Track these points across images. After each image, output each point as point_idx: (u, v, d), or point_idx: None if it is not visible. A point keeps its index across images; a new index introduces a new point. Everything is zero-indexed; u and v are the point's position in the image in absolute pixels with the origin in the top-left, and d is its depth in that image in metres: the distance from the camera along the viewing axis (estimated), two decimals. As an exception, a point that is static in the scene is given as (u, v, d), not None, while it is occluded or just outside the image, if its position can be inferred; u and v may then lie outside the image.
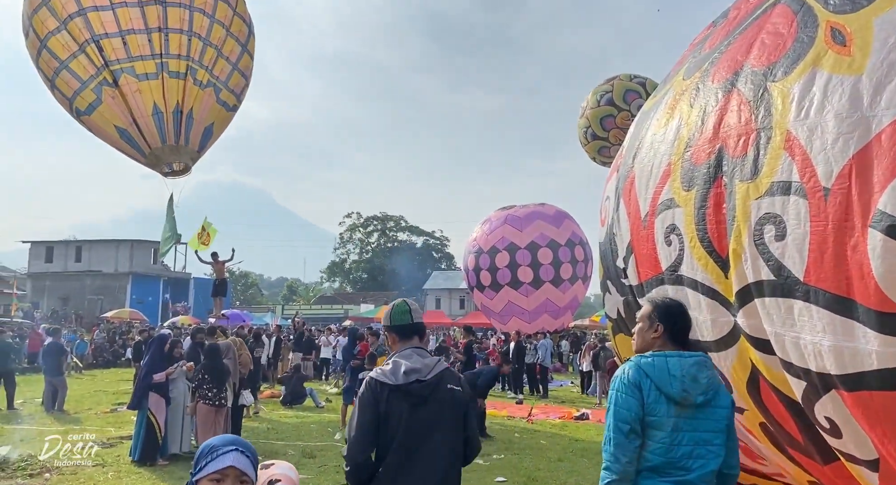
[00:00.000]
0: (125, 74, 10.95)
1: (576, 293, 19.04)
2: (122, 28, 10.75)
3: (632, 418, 2.25)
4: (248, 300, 57.10)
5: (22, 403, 11.97)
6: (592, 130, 15.86)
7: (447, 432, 2.54)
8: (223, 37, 11.75)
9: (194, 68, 11.35)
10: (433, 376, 2.58)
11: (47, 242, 40.51)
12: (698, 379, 2.26)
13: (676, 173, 2.64)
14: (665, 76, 3.57)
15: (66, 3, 10.77)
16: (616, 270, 3.95)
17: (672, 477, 2.23)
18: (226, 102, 12.32)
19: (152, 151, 11.71)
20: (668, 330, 2.39)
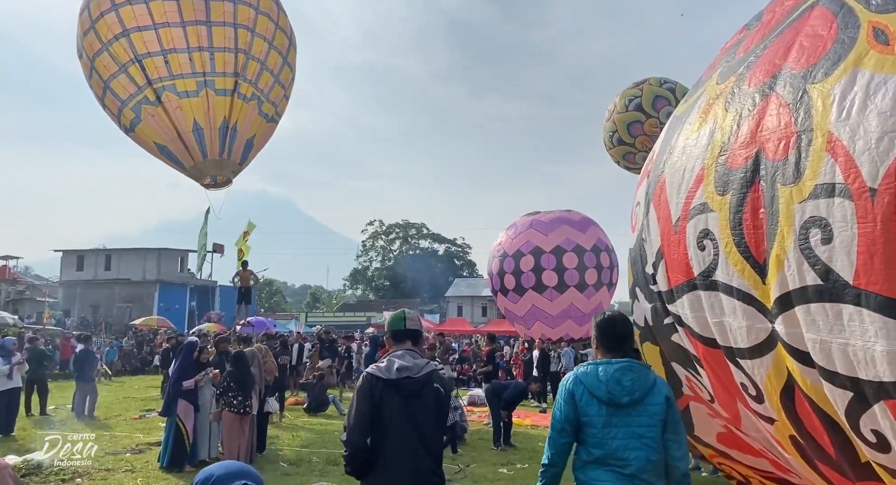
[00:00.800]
0: (167, 92, 11.23)
1: (601, 300, 18.78)
2: (164, 47, 11.03)
3: (562, 420, 2.78)
4: (272, 308, 57.68)
5: (54, 409, 12.21)
6: (619, 135, 15.65)
7: (431, 422, 2.96)
8: (266, 50, 11.95)
9: (239, 83, 11.60)
10: (423, 374, 2.99)
11: (78, 250, 41.29)
12: (622, 382, 2.70)
13: (710, 178, 2.59)
14: (696, 81, 3.51)
15: (111, 25, 11.12)
16: (645, 277, 3.88)
17: (612, 467, 2.68)
18: (266, 114, 12.52)
19: (194, 165, 11.97)
20: (598, 341, 2.91)
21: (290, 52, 12.76)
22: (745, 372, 2.80)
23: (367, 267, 66.93)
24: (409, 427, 2.87)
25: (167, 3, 11.01)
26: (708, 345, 3.13)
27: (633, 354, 2.88)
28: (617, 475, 2.67)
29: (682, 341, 3.70)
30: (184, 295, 38.19)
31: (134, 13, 11.01)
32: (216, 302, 39.69)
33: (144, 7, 10.99)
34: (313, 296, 71.07)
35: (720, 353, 2.99)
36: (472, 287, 53.37)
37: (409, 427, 2.87)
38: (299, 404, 13.22)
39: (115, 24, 11.10)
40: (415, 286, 60.19)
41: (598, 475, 2.72)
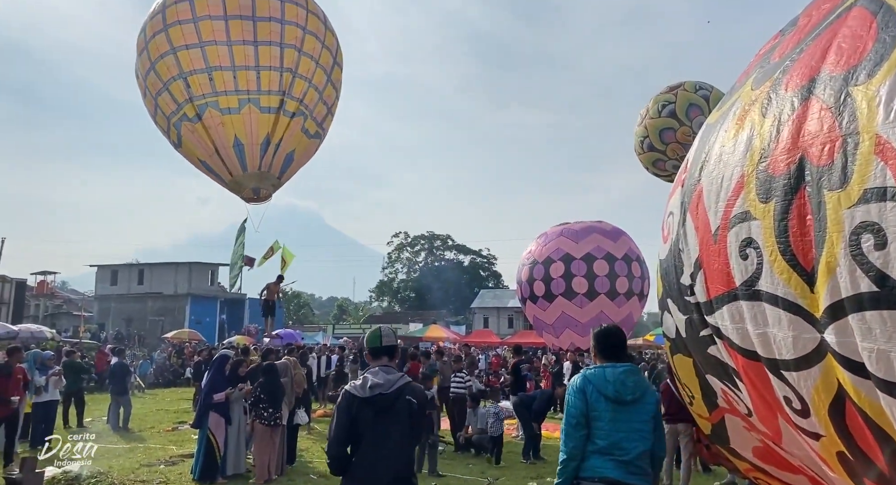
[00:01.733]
0: (209, 108, 11.54)
1: (631, 310, 18.51)
2: (209, 65, 11.37)
3: (577, 414, 3.20)
4: (300, 320, 58.17)
5: (90, 421, 12.44)
6: (650, 140, 15.41)
7: (403, 432, 3.29)
8: (313, 68, 12.24)
9: (285, 101, 11.88)
10: (394, 389, 3.33)
11: (112, 265, 42.24)
12: (626, 383, 3.23)
13: (751, 185, 2.52)
14: (730, 88, 3.45)
15: (160, 45, 11.53)
16: (679, 288, 3.79)
17: (614, 456, 3.15)
18: (308, 130, 12.75)
19: (233, 179, 12.24)
20: (597, 349, 3.44)
21: (334, 71, 12.99)
22: (789, 385, 2.70)
23: (393, 279, 67.17)
24: (381, 437, 3.26)
25: (215, 22, 11.35)
26: (749, 357, 3.03)
27: (629, 360, 3.42)
28: (616, 463, 3.16)
29: (720, 354, 3.60)
30: (214, 308, 38.78)
31: (182, 32, 11.40)
32: (246, 315, 40.22)
33: (193, 26, 11.34)
34: (340, 308, 71.55)
35: (761, 365, 2.89)
36: (498, 298, 53.11)
37: (381, 437, 3.26)
38: (328, 415, 13.25)
39: (164, 43, 11.50)
40: (440, 298, 60.15)
41: (601, 463, 3.15)
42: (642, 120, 15.77)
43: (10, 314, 34.46)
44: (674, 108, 14.91)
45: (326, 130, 13.79)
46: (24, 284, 39.72)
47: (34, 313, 41.44)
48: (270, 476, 7.41)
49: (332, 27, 13.04)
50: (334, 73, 13.05)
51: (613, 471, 3.14)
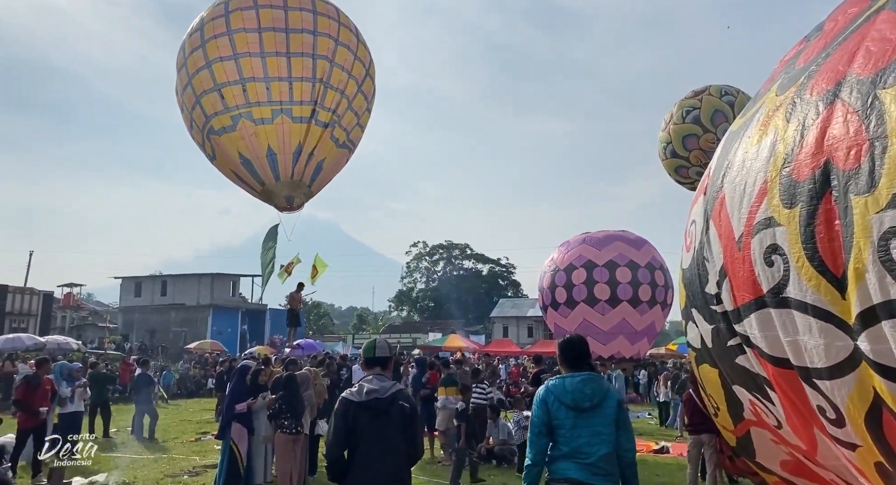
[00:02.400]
0: (243, 119, 11.75)
1: (654, 319, 18.21)
2: (243, 76, 11.60)
3: (539, 424, 3.46)
4: (320, 330, 58.44)
5: (115, 431, 12.59)
6: (673, 146, 15.20)
7: (398, 435, 3.47)
8: (345, 80, 12.36)
9: (317, 111, 12.01)
10: (388, 395, 3.55)
11: (136, 277, 42.88)
12: (584, 391, 3.43)
13: (774, 191, 2.49)
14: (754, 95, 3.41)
15: (196, 60, 11.79)
16: (705, 297, 3.72)
17: (577, 460, 3.36)
18: (337, 139, 12.86)
19: (266, 188, 12.41)
20: (561, 359, 3.67)
21: (365, 82, 13.07)
22: (822, 394, 2.64)
23: (412, 288, 67.23)
24: (377, 440, 3.45)
25: (249, 34, 11.57)
26: (780, 366, 2.97)
27: (590, 368, 3.64)
28: (580, 465, 3.36)
29: (750, 363, 3.52)
30: (236, 319, 39.13)
31: (217, 46, 11.66)
32: (267, 325, 40.51)
33: (227, 39, 11.58)
34: (360, 318, 71.74)
35: (794, 374, 2.83)
36: (518, 307, 52.83)
37: (377, 440, 3.45)
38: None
39: (201, 58, 11.77)
40: (459, 307, 60.01)
41: (566, 466, 3.40)
42: (666, 125, 15.53)
43: (37, 326, 35.13)
44: (698, 114, 14.72)
45: (357, 142, 13.88)
46: (52, 296, 40.49)
47: (61, 325, 42.18)
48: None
49: (363, 40, 13.17)
50: (365, 85, 13.12)
51: (577, 472, 3.37)
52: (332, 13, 12.40)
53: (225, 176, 13.17)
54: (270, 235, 14.73)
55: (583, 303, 18.00)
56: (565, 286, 18.42)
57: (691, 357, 5.04)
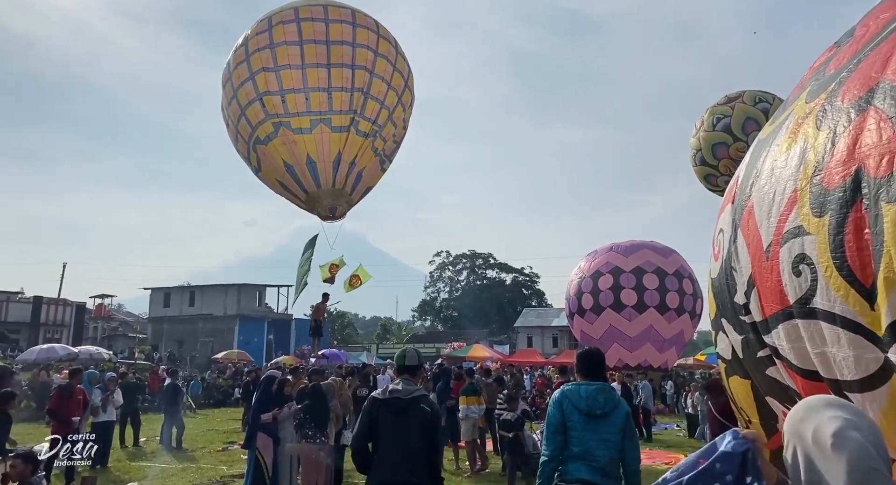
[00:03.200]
0: (283, 128, 11.98)
1: (682, 327, 17.85)
2: (283, 87, 11.88)
3: (555, 423, 3.75)
4: (344, 340, 58.72)
5: (145, 441, 12.80)
6: (702, 154, 14.86)
7: (416, 435, 3.78)
8: (384, 90, 12.54)
9: (357, 120, 12.19)
10: (411, 397, 3.92)
11: (165, 288, 43.71)
12: (597, 399, 3.75)
13: (804, 199, 2.44)
14: (783, 102, 3.36)
15: (241, 73, 12.22)
16: (734, 308, 3.66)
17: (586, 461, 3.66)
18: (377, 149, 13.01)
19: (309, 196, 12.62)
20: (578, 368, 4.00)
21: (405, 93, 13.20)
22: None
23: (436, 298, 67.24)
24: (396, 437, 3.80)
25: (290, 47, 11.85)
26: (809, 378, 2.90)
27: (604, 380, 3.98)
28: (590, 467, 3.65)
29: (780, 375, 3.45)
30: (262, 329, 39.56)
31: (260, 58, 11.98)
32: (292, 335, 40.87)
33: (270, 52, 11.88)
34: (384, 327, 71.95)
35: (824, 386, 2.76)
36: (542, 317, 52.44)
37: (396, 437, 3.80)
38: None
39: (245, 71, 12.14)
40: (483, 317, 59.81)
41: (577, 467, 3.67)
42: (696, 131, 15.18)
43: (70, 336, 35.97)
44: (729, 122, 14.28)
45: (394, 153, 13.97)
46: (84, 307, 41.46)
47: (93, 335, 43.13)
48: (318, 497, 7.43)
49: (402, 52, 13.33)
50: (405, 96, 13.24)
51: (588, 474, 3.65)
52: (371, 26, 12.61)
53: (270, 188, 13.38)
54: (309, 245, 14.89)
55: (609, 309, 17.70)
56: (591, 292, 18.16)
57: (721, 369, 4.94)
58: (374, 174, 13.65)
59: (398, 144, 14.05)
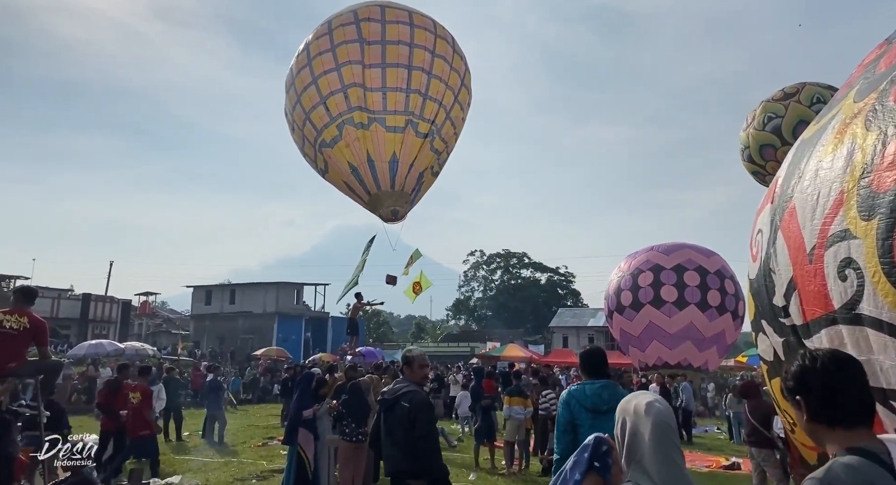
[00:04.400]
0: (346, 126, 12.16)
1: (723, 327, 17.42)
2: (344, 83, 12.02)
3: (564, 422, 3.97)
4: (379, 338, 59.23)
5: (188, 435, 13.18)
6: (750, 152, 14.29)
7: (398, 428, 4.28)
8: (442, 90, 12.56)
9: (416, 122, 12.25)
10: (395, 396, 4.42)
11: (206, 286, 44.78)
12: (602, 396, 3.92)
13: (851, 202, 2.38)
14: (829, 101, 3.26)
15: (304, 77, 12.47)
16: (773, 310, 3.59)
17: None
18: (436, 150, 13.05)
19: (371, 198, 12.83)
20: (582, 367, 4.22)
21: (461, 92, 13.15)
22: None
23: (469, 297, 67.18)
24: (388, 431, 4.40)
25: (350, 45, 11.98)
26: None
27: (607, 377, 4.17)
28: None
29: None
30: (299, 326, 40.22)
31: (322, 61, 12.15)
32: (329, 333, 41.43)
33: (331, 54, 12.05)
34: (418, 326, 72.25)
35: None
36: (578, 317, 51.86)
37: (388, 431, 4.40)
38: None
39: (307, 75, 12.40)
40: (517, 316, 59.49)
41: None
42: (747, 126, 14.41)
43: (117, 332, 37.24)
44: (780, 123, 13.42)
45: (451, 151, 13.97)
46: (129, 304, 42.87)
47: (138, 332, 44.55)
48: (355, 493, 7.54)
49: (460, 50, 13.32)
50: (461, 95, 13.19)
51: None
52: (428, 26, 12.63)
53: (338, 189, 13.58)
54: (367, 247, 15.26)
55: (649, 305, 17.44)
56: (631, 289, 17.96)
57: (763, 371, 4.84)
58: (431, 176, 13.68)
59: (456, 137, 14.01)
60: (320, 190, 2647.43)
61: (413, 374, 4.62)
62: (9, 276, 36.71)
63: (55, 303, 35.60)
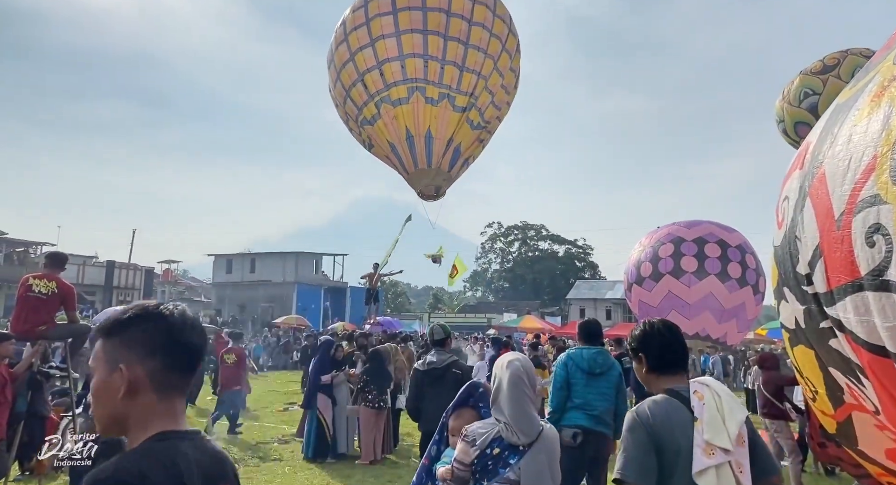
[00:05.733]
0: (384, 104, 12.05)
1: (744, 300, 17.42)
2: (379, 59, 11.84)
3: (560, 380, 4.67)
4: (397, 308, 59.82)
5: (210, 399, 13.52)
6: (785, 126, 13.70)
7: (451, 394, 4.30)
8: (481, 60, 12.22)
9: (452, 96, 12.00)
10: (444, 365, 5.19)
11: (227, 254, 45.30)
12: (596, 360, 4.67)
13: (884, 167, 2.31)
14: (865, 65, 3.15)
15: (342, 54, 12.37)
16: (796, 278, 3.56)
17: (585, 411, 4.59)
18: (472, 121, 12.77)
19: (410, 176, 12.81)
20: (579, 335, 4.96)
21: (501, 57, 12.77)
22: None
23: (487, 269, 67.31)
24: (433, 397, 4.80)
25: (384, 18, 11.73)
26: (875, 353, 2.79)
27: (601, 344, 5.03)
28: (587, 415, 4.58)
29: (842, 348, 3.36)
30: (318, 296, 40.71)
31: (357, 37, 12.00)
32: (347, 302, 41.91)
33: (365, 29, 11.87)
34: (435, 297, 72.77)
35: (891, 363, 2.66)
36: (595, 289, 51.81)
37: (433, 397, 4.80)
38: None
39: (345, 52, 12.23)
40: (534, 288, 59.56)
41: (577, 415, 4.60)
42: (783, 98, 13.44)
43: (140, 299, 37.96)
44: (817, 101, 12.37)
45: (494, 129, 13.73)
46: (152, 271, 43.67)
47: (160, 299, 45.38)
48: (376, 457, 7.73)
49: (514, 30, 12.97)
50: (501, 61, 12.79)
51: (585, 421, 4.56)
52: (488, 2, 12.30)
53: (384, 162, 13.51)
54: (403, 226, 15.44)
55: (668, 275, 17.62)
56: (651, 261, 18.20)
57: (785, 339, 4.81)
58: (472, 147, 13.49)
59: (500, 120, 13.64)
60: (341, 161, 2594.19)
61: (448, 347, 5.42)
62: (36, 242, 37.51)
63: (80, 269, 36.36)
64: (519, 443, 2.34)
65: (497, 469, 2.28)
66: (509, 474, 2.27)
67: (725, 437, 2.08)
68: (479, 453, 2.36)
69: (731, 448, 2.07)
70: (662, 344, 2.34)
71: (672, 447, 2.07)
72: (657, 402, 2.18)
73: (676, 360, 2.34)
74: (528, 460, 2.30)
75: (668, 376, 2.29)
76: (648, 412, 2.13)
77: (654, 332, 2.38)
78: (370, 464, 7.60)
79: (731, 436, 2.09)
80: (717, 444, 2.06)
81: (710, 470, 2.02)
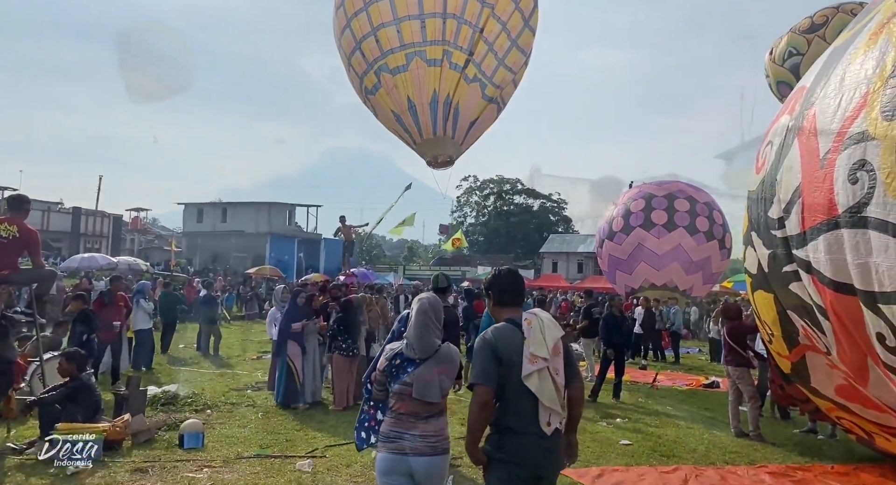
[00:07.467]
0: (383, 73, 11.59)
1: (710, 254, 18.10)
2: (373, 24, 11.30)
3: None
4: (372, 260, 59.81)
5: (183, 347, 13.46)
6: (770, 82, 13.60)
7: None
8: (497, 31, 11.68)
9: (450, 52, 11.41)
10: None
11: (198, 203, 44.23)
12: None
13: (875, 103, 2.25)
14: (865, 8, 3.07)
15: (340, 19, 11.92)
16: (766, 222, 3.62)
17: None
18: (491, 97, 12.35)
19: (417, 146, 12.45)
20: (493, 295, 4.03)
21: (523, 32, 12.27)
22: (886, 320, 2.51)
23: (462, 222, 67.37)
24: None
25: None
26: (840, 291, 2.84)
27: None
28: None
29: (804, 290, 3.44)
30: (292, 247, 40.37)
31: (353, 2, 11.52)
32: (321, 254, 41.70)
33: None
34: (410, 250, 72.89)
35: (855, 300, 2.69)
36: (567, 243, 52.42)
37: None
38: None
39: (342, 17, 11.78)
40: (509, 242, 59.98)
41: None
42: (770, 54, 13.27)
43: (109, 247, 37.29)
44: (799, 62, 11.97)
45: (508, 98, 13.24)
46: (121, 219, 42.67)
47: (129, 247, 44.60)
48: (349, 403, 7.80)
49: None
50: (522, 38, 12.29)
51: None
52: None
53: (391, 132, 13.12)
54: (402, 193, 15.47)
55: (639, 228, 18.34)
56: (623, 216, 18.86)
57: (748, 284, 4.94)
58: (488, 121, 13.03)
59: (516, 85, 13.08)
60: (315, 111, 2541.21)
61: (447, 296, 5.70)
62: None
63: (45, 216, 35.32)
64: (414, 357, 2.90)
65: (398, 375, 2.90)
66: (406, 377, 2.88)
67: (545, 349, 2.68)
68: (387, 363, 2.96)
69: (548, 357, 2.68)
70: (504, 285, 2.96)
71: (509, 360, 2.67)
72: (498, 328, 2.79)
73: (514, 297, 2.96)
74: (420, 369, 2.88)
75: (508, 308, 2.91)
76: (492, 335, 2.74)
77: (500, 276, 3.01)
78: (343, 410, 7.66)
79: (548, 348, 2.69)
80: (538, 354, 2.67)
81: (534, 374, 2.64)
